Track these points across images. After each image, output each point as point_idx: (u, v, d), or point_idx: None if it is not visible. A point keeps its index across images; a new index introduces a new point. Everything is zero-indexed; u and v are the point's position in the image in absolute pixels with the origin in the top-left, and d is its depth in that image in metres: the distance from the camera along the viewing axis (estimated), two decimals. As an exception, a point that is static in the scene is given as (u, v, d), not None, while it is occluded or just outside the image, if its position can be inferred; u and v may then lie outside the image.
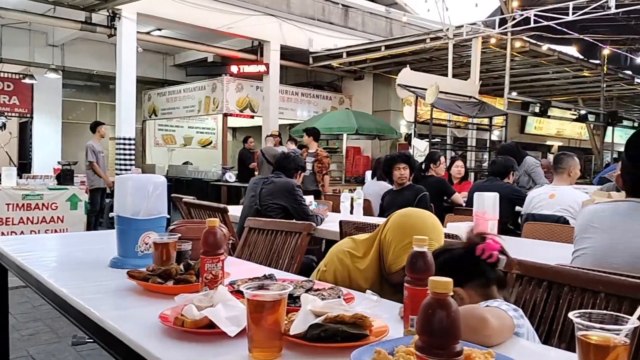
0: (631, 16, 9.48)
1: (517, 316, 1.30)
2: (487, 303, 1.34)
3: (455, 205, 5.26)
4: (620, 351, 0.87)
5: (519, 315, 1.32)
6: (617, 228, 1.92)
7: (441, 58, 10.67)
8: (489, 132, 9.92)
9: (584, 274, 1.55)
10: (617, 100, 15.97)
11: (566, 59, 11.28)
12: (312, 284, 1.56)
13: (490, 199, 3.19)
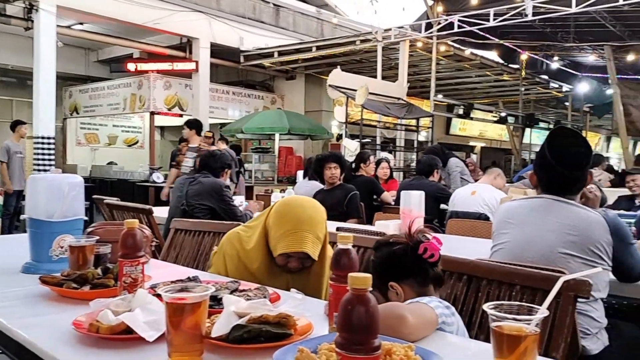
0: (547, 23, 10.06)
1: (447, 314, 1.33)
2: (417, 299, 1.37)
3: (384, 204, 5.38)
4: (531, 340, 0.91)
5: (450, 312, 1.34)
6: (532, 223, 2.02)
7: (371, 60, 10.87)
8: (416, 132, 10.20)
9: (501, 268, 1.62)
10: (535, 103, 16.91)
11: (488, 64, 11.81)
12: (238, 285, 1.53)
13: (416, 197, 3.28)
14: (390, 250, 1.52)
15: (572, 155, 1.97)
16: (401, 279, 1.48)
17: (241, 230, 1.91)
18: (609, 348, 1.91)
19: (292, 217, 1.74)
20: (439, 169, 5.15)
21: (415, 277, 1.48)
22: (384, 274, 1.50)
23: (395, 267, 1.50)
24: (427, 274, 1.48)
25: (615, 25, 9.72)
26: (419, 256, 1.45)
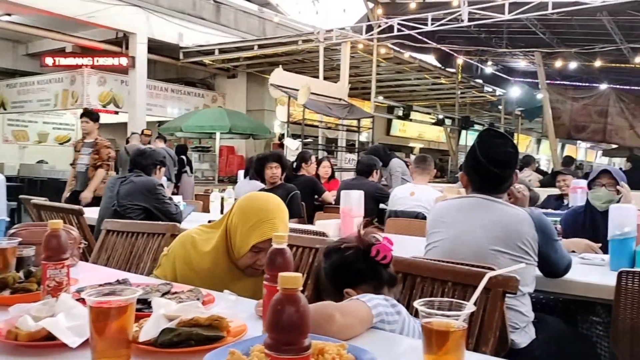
0: (482, 29, 10.44)
1: (390, 312, 1.33)
2: (358, 296, 1.36)
3: (325, 204, 5.40)
4: (459, 335, 0.93)
5: (394, 311, 1.34)
6: (463, 222, 2.08)
7: (313, 60, 10.92)
8: (357, 133, 10.33)
9: (434, 265, 1.65)
10: (470, 106, 17.51)
11: (426, 67, 12.13)
12: (170, 287, 1.49)
13: (355, 196, 3.31)
14: (341, 256, 1.48)
15: (501, 155, 2.04)
16: (356, 284, 1.44)
17: (196, 233, 1.84)
18: (536, 341, 1.99)
19: (260, 208, 1.71)
20: (379, 169, 5.22)
21: (370, 281, 1.45)
22: (338, 281, 1.47)
23: (348, 273, 1.46)
24: (382, 276, 1.46)
25: (545, 32, 10.22)
26: (372, 259, 1.43)
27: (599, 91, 12.88)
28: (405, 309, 1.40)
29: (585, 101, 12.57)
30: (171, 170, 7.65)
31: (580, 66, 12.02)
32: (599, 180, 2.82)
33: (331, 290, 1.49)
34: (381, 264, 1.44)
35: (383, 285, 1.46)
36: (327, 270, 1.51)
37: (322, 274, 1.52)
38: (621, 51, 10.44)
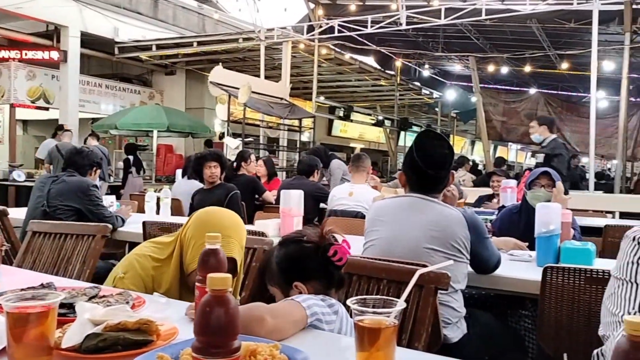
0: (419, 33, 10.71)
1: (327, 312, 1.33)
2: (293, 297, 1.36)
3: (266, 203, 5.36)
4: (390, 332, 0.95)
5: (331, 311, 1.35)
6: (400, 221, 2.12)
7: (254, 59, 10.83)
8: (299, 133, 10.34)
9: (370, 263, 1.67)
10: (409, 108, 17.95)
11: (366, 68, 12.30)
12: (98, 291, 1.43)
13: (295, 196, 3.31)
14: (299, 249, 1.48)
15: (436, 157, 2.09)
16: (307, 279, 1.44)
17: (151, 252, 1.76)
18: (467, 335, 2.05)
19: (216, 223, 1.66)
20: (320, 170, 5.25)
21: (321, 279, 1.45)
22: (290, 272, 1.46)
23: (302, 266, 1.46)
24: (333, 277, 1.46)
25: (479, 38, 10.61)
26: (328, 258, 1.43)
27: (528, 95, 13.50)
28: (344, 309, 1.40)
29: (516, 105, 13.13)
30: (105, 170, 7.37)
31: (512, 71, 12.57)
32: (539, 181, 2.94)
33: (279, 280, 1.48)
34: (335, 265, 1.44)
35: (332, 286, 1.47)
36: (281, 260, 1.50)
37: (274, 262, 1.51)
38: (549, 57, 10.99)
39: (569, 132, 12.69)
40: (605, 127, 10.35)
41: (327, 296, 1.43)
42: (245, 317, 1.11)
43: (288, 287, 1.45)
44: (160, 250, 1.76)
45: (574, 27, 8.57)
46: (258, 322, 1.14)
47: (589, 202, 6.37)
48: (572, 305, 2.01)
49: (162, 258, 1.73)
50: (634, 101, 12.59)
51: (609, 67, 10.52)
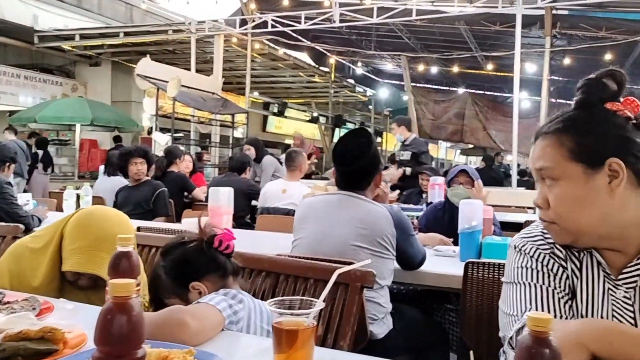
0: (352, 31, 10.82)
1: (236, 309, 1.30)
2: (200, 299, 1.32)
3: (195, 201, 5.23)
4: (308, 333, 0.93)
5: (237, 301, 1.33)
6: (328, 218, 2.12)
7: (185, 52, 10.55)
8: (232, 129, 10.18)
9: (296, 262, 1.65)
10: (343, 105, 18.13)
11: (300, 65, 12.30)
12: (2, 296, 1.32)
13: (225, 193, 3.24)
14: (184, 251, 1.46)
15: (350, 152, 2.11)
16: (202, 277, 1.43)
17: (29, 242, 1.62)
18: (393, 331, 2.08)
19: (92, 232, 1.53)
20: (252, 166, 5.18)
21: (215, 271, 1.45)
22: (182, 276, 1.44)
23: (192, 266, 1.45)
24: (226, 266, 1.46)
25: (410, 37, 10.86)
26: (215, 250, 1.44)
27: (457, 95, 13.99)
28: (248, 296, 1.41)
29: (445, 104, 13.57)
30: (23, 166, 6.95)
31: (441, 71, 12.97)
32: (457, 179, 3.05)
33: (174, 287, 1.45)
34: (225, 254, 1.45)
35: (228, 275, 1.47)
36: (169, 268, 1.47)
37: (162, 273, 1.47)
38: (476, 59, 11.43)
39: (494, 131, 13.27)
40: (528, 127, 10.86)
41: (226, 288, 1.42)
42: (165, 322, 1.07)
43: (186, 292, 1.43)
44: (37, 240, 1.62)
45: (499, 29, 8.95)
46: (180, 326, 1.10)
47: (511, 198, 6.68)
48: (492, 298, 2.08)
49: (37, 248, 1.59)
50: (555, 102, 13.35)
51: (531, 69, 11.08)
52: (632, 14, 8.07)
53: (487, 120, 13.56)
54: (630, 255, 1.02)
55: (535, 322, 0.74)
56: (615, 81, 1.06)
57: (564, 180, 1.03)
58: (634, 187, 1.01)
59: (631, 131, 1.02)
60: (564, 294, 1.05)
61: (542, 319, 0.74)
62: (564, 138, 1.03)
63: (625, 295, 1.02)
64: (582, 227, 1.02)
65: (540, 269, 1.07)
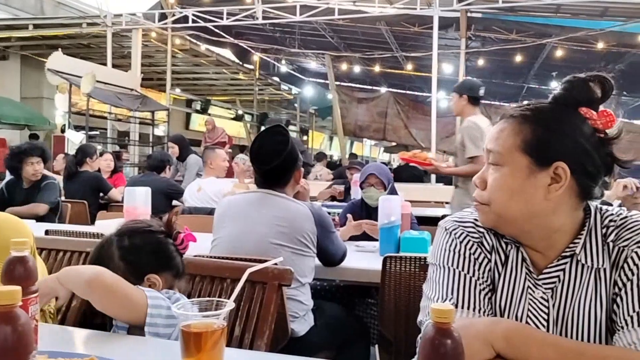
0: (276, 28, 10.78)
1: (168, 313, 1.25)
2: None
3: (112, 202, 5.01)
4: (218, 334, 0.90)
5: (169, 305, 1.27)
6: (248, 217, 2.09)
7: (101, 46, 10.07)
8: (152, 126, 9.85)
9: (212, 263, 1.62)
10: (269, 103, 18.02)
11: (224, 61, 12.09)
12: None
13: (141, 194, 3.12)
14: (150, 238, 1.40)
15: (265, 151, 2.10)
16: (161, 270, 1.38)
17: None
18: (314, 327, 2.09)
19: None
20: (172, 165, 5.03)
21: (173, 269, 1.41)
22: (141, 264, 1.38)
23: (155, 257, 1.40)
24: (180, 266, 1.44)
25: (333, 36, 10.97)
26: (175, 247, 1.43)
27: (380, 94, 14.29)
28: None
29: (369, 103, 13.84)
30: None
31: (364, 70, 13.21)
32: (368, 181, 3.13)
33: (126, 273, 1.36)
34: (180, 253, 1.44)
35: (181, 275, 1.44)
36: (129, 252, 1.39)
37: (116, 255, 1.39)
38: (397, 59, 11.73)
39: (415, 129, 13.69)
40: (446, 125, 11.30)
41: (173, 289, 1.39)
42: None
43: (138, 281, 1.36)
44: None
45: (418, 30, 9.24)
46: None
47: (430, 193, 6.93)
48: (410, 291, 2.14)
49: None
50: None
51: (449, 69, 11.53)
52: (541, 19, 8.60)
53: (409, 118, 13.96)
54: (551, 258, 1.04)
55: (437, 314, 0.76)
56: (602, 88, 1.03)
57: (508, 168, 1.02)
58: (573, 197, 1.01)
59: (592, 144, 1.00)
60: (485, 285, 1.05)
61: (445, 311, 0.76)
62: (524, 127, 1.02)
63: (543, 296, 1.03)
64: (509, 217, 1.03)
65: (468, 256, 1.07)
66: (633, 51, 9.32)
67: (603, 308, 0.99)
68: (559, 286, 1.03)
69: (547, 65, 10.70)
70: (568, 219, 1.02)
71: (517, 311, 1.05)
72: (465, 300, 1.03)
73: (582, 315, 1.01)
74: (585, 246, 1.01)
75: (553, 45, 9.32)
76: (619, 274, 0.98)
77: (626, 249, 0.98)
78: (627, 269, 0.97)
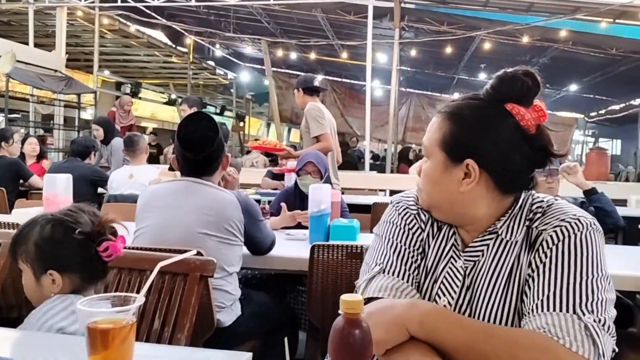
0: (211, 11, 10.52)
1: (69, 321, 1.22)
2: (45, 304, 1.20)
3: (33, 189, 4.76)
4: (126, 330, 0.87)
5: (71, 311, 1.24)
6: (173, 206, 2.04)
7: (23, 23, 9.47)
8: (78, 110, 9.40)
9: (131, 255, 1.56)
10: (204, 88, 17.63)
11: (156, 44, 11.68)
12: None
13: (62, 181, 2.99)
14: (67, 234, 1.30)
15: (196, 139, 2.05)
16: (65, 270, 1.30)
17: None
18: (241, 317, 2.08)
19: None
20: (97, 150, 4.83)
21: (81, 272, 1.33)
22: (47, 257, 1.31)
23: (65, 255, 1.31)
24: (95, 272, 1.35)
25: (270, 22, 10.84)
26: (97, 252, 1.30)
27: (317, 81, 14.32)
28: None
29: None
30: None
31: (301, 57, 13.16)
32: (305, 169, 3.11)
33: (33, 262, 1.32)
34: (102, 260, 1.31)
35: (94, 280, 1.36)
36: (41, 240, 1.32)
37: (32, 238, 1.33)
38: (333, 47, 11.76)
39: (350, 118, 13.84)
40: (381, 114, 11.49)
41: (79, 293, 1.32)
42: None
43: (41, 272, 1.31)
44: None
45: (353, 19, 9.29)
46: None
47: (364, 181, 7.04)
48: (337, 278, 2.18)
49: None
50: (405, 91, 14.27)
51: (383, 59, 11.68)
52: (470, 12, 8.87)
53: (345, 106, 14.09)
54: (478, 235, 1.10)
55: (346, 305, 0.77)
56: (534, 83, 1.04)
57: (431, 161, 1.10)
58: (491, 191, 1.06)
59: (512, 141, 1.02)
60: (416, 253, 1.13)
61: (354, 302, 0.77)
62: (445, 123, 1.07)
63: (462, 266, 1.09)
64: (434, 204, 1.12)
65: (403, 226, 1.15)
66: (555, 45, 9.81)
67: (515, 288, 1.04)
68: (481, 260, 1.08)
69: (476, 57, 11.08)
70: (491, 209, 1.07)
71: (437, 277, 1.11)
72: (392, 266, 1.10)
73: (494, 290, 1.05)
74: (507, 225, 1.07)
75: (482, 37, 9.64)
76: (533, 256, 1.03)
77: (543, 232, 1.02)
78: (542, 252, 1.01)
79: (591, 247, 0.99)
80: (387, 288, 1.08)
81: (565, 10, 7.80)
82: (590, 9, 7.42)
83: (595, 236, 1.01)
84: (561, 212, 1.04)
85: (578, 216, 1.02)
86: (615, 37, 8.82)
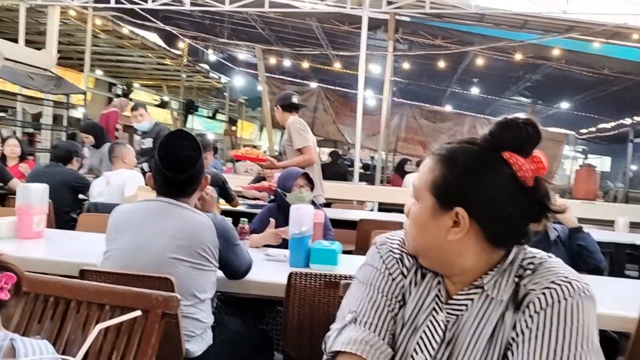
0: (206, 16, 10.45)
1: None
2: None
3: (12, 193, 4.64)
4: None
5: None
6: (146, 228, 1.94)
7: (14, 20, 9.34)
8: (66, 110, 9.27)
9: (91, 287, 1.47)
10: (197, 91, 17.52)
11: (149, 45, 11.58)
12: None
13: (37, 190, 2.89)
14: None
15: (178, 159, 1.96)
16: None
17: None
18: (213, 346, 1.99)
19: None
20: (80, 157, 4.72)
21: None
22: None
23: None
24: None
25: (264, 29, 10.79)
26: None
27: (310, 88, 14.25)
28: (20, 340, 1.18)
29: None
30: None
31: (295, 64, 13.11)
32: (297, 182, 3.00)
33: None
34: None
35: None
36: None
37: None
38: (327, 55, 11.72)
39: (342, 126, 13.78)
40: (373, 123, 11.45)
41: None
42: None
43: None
44: None
45: (348, 29, 9.26)
46: None
47: (353, 192, 6.97)
48: (314, 308, 2.10)
49: None
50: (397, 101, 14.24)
51: (376, 69, 11.66)
52: (464, 26, 8.86)
53: (337, 114, 14.03)
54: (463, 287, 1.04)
55: None
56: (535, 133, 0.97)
57: (420, 204, 1.05)
58: (480, 241, 0.99)
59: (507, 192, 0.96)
60: (394, 302, 1.07)
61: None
62: (437, 167, 1.01)
63: (443, 320, 1.03)
64: (419, 250, 1.06)
65: (383, 271, 1.09)
66: (548, 63, 9.83)
67: (497, 349, 0.98)
68: (464, 315, 1.02)
69: (469, 71, 11.08)
70: (480, 261, 1.01)
71: (417, 328, 1.05)
72: (366, 317, 1.05)
73: (475, 348, 0.99)
74: (495, 280, 1.01)
75: (475, 53, 9.64)
76: (519, 318, 0.96)
77: (532, 293, 0.96)
78: (528, 315, 0.95)
79: (582, 316, 0.92)
80: (357, 342, 1.03)
81: (559, 28, 7.81)
82: (584, 29, 7.43)
83: (587, 303, 0.94)
84: (552, 273, 0.97)
85: (570, 279, 0.95)
86: (607, 57, 8.85)
